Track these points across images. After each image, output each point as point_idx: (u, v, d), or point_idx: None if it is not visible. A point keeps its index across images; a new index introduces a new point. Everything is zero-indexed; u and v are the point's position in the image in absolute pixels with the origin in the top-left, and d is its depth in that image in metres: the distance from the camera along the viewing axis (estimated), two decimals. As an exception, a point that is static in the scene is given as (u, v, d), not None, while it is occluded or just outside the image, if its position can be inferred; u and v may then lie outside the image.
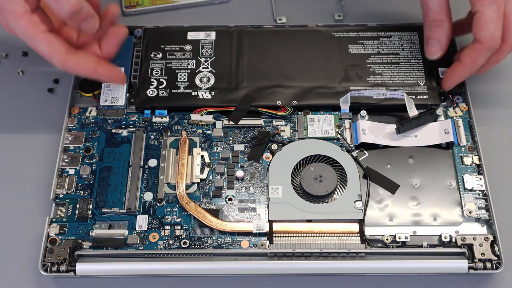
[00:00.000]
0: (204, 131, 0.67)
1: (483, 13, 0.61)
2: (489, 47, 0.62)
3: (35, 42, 0.60)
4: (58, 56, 0.61)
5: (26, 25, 0.59)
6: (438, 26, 0.65)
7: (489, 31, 0.61)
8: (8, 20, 0.59)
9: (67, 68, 0.62)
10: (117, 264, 0.59)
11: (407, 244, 0.60)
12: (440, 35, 0.65)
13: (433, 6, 0.65)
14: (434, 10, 0.65)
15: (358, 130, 0.66)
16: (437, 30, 0.65)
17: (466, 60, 0.64)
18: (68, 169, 0.64)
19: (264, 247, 0.60)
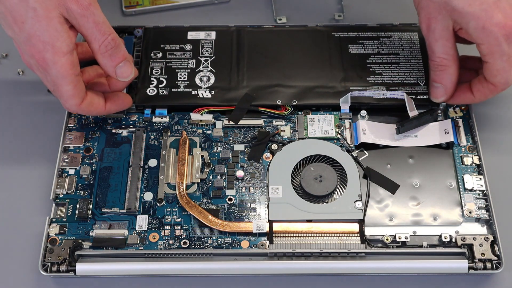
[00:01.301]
0: (204, 131, 0.67)
1: (494, 64, 0.61)
2: (503, 89, 0.62)
3: (65, 82, 0.59)
4: (76, 100, 0.61)
5: (65, 65, 0.58)
6: (443, 70, 0.64)
7: (502, 78, 0.61)
8: (48, 55, 0.57)
9: (79, 111, 0.62)
10: (117, 264, 0.59)
11: (407, 244, 0.60)
12: (444, 79, 0.64)
13: (438, 51, 0.63)
14: (438, 55, 0.64)
15: (358, 130, 0.66)
16: (441, 74, 0.64)
17: (477, 95, 0.64)
18: (68, 169, 0.64)
19: (264, 247, 0.60)
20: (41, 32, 0.57)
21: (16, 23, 0.57)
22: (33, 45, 0.57)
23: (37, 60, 0.58)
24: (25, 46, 0.58)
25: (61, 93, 0.60)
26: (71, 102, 0.61)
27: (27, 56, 0.59)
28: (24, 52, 0.59)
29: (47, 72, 0.58)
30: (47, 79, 0.60)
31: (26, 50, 0.58)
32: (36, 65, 0.59)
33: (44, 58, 0.57)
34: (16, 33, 0.58)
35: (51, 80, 0.59)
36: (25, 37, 0.57)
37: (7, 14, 0.57)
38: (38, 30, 0.57)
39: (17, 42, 0.59)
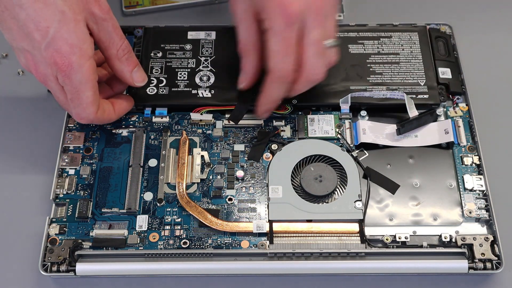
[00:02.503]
0: (204, 131, 0.67)
1: (270, 44, 0.60)
2: (279, 77, 0.61)
3: (87, 88, 0.58)
4: (95, 107, 0.60)
5: (89, 69, 0.58)
6: (245, 56, 0.64)
7: (275, 63, 0.60)
8: (75, 57, 0.56)
9: (94, 119, 0.61)
10: (117, 264, 0.59)
11: (407, 244, 0.60)
12: (246, 65, 0.64)
13: (240, 35, 0.63)
14: (242, 40, 0.63)
15: (358, 130, 0.66)
16: (244, 61, 0.64)
17: (262, 88, 0.63)
18: (68, 169, 0.64)
19: (264, 247, 0.60)
20: (69, 35, 0.56)
21: (38, 30, 0.55)
22: (57, 49, 0.56)
23: (60, 66, 0.56)
24: (47, 53, 0.56)
25: (81, 100, 0.59)
26: (89, 110, 0.60)
27: (44, 66, 0.57)
28: (42, 61, 0.57)
29: (69, 79, 0.57)
30: (67, 88, 0.58)
31: (47, 57, 0.56)
32: (55, 74, 0.57)
33: (70, 62, 0.56)
34: (36, 41, 0.56)
35: (72, 88, 0.58)
36: (47, 43, 0.56)
37: (28, 22, 0.55)
38: (65, 32, 0.56)
39: (33, 52, 0.57)
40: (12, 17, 0.56)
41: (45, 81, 0.59)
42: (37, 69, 0.58)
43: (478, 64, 0.73)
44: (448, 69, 0.69)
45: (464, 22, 0.76)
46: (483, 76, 0.72)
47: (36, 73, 0.59)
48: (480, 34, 0.76)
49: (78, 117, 0.61)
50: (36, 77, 0.59)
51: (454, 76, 0.69)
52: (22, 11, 0.55)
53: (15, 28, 0.56)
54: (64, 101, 0.61)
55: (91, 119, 0.61)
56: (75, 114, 0.61)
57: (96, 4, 0.58)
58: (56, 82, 0.58)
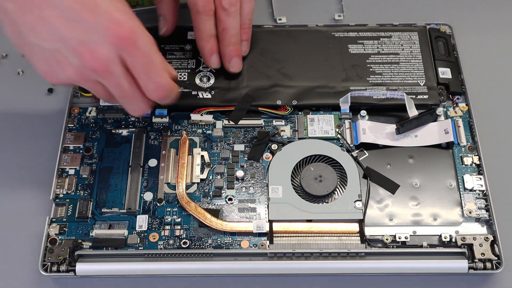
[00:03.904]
0: (204, 131, 0.67)
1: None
2: (198, 11, 0.62)
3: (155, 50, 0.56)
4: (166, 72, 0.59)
5: (146, 30, 0.56)
6: (159, 1, 0.64)
7: None
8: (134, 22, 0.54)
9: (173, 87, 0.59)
10: (117, 264, 0.59)
11: (407, 244, 0.60)
12: (162, 9, 0.64)
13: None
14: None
15: (358, 130, 0.66)
16: (159, 5, 0.64)
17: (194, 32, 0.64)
18: (68, 169, 0.64)
19: (264, 247, 0.60)
20: (117, 3, 0.53)
21: (87, 8, 0.52)
22: (114, 20, 0.52)
23: (123, 35, 0.52)
24: (105, 29, 0.52)
25: (156, 64, 0.56)
26: (165, 74, 0.58)
27: (105, 48, 0.53)
28: (101, 41, 0.52)
29: (136, 47, 0.53)
30: (137, 60, 0.54)
31: (106, 34, 0.52)
32: (119, 52, 0.53)
33: (132, 29, 0.53)
34: (88, 21, 0.52)
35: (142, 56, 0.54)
36: (102, 17, 0.52)
37: (74, 3, 0.51)
38: (116, 3, 0.53)
39: (87, 38, 0.52)
40: (54, 8, 0.51)
41: (107, 67, 0.54)
42: (97, 56, 0.53)
43: (478, 64, 0.73)
44: (448, 69, 0.69)
45: (464, 22, 0.76)
46: (483, 76, 0.72)
47: (96, 62, 0.53)
48: (480, 34, 0.76)
49: (158, 87, 0.57)
50: (97, 67, 0.53)
51: (454, 76, 0.69)
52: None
53: (59, 21, 0.52)
54: (128, 89, 0.56)
55: (169, 86, 0.58)
56: (154, 88, 0.57)
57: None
58: (120, 63, 0.54)
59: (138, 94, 0.58)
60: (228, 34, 0.65)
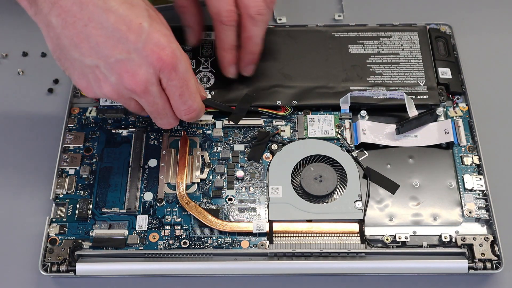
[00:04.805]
0: (204, 131, 0.67)
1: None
2: (221, 21, 0.61)
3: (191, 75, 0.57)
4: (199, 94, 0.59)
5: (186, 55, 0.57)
6: (185, 12, 0.64)
7: (213, 7, 0.61)
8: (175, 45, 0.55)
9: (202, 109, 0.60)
10: (117, 264, 0.59)
11: (407, 244, 0.60)
12: (187, 20, 0.64)
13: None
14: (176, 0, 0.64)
15: (358, 130, 0.66)
16: (184, 16, 0.64)
17: (216, 43, 0.64)
18: (68, 169, 0.64)
19: (264, 247, 0.60)
20: (160, 26, 0.55)
21: (131, 29, 0.53)
22: (156, 43, 0.54)
23: (164, 59, 0.54)
24: (146, 50, 0.53)
25: (191, 89, 0.57)
26: (198, 98, 0.58)
27: (145, 69, 0.54)
28: (142, 63, 0.54)
29: (176, 70, 0.55)
30: (174, 83, 0.55)
31: (148, 56, 0.53)
32: (158, 74, 0.55)
33: (173, 51, 0.54)
34: (131, 42, 0.53)
35: (180, 80, 0.55)
36: (145, 40, 0.53)
37: (119, 24, 0.53)
38: (157, 25, 0.54)
39: (129, 57, 0.54)
40: (100, 26, 0.53)
41: (146, 88, 0.55)
42: (136, 76, 0.54)
43: (478, 64, 0.73)
44: (448, 69, 0.69)
45: (464, 22, 0.76)
46: (483, 76, 0.72)
47: (134, 82, 0.54)
48: (480, 34, 0.76)
49: (189, 110, 0.58)
50: (136, 87, 0.55)
51: (454, 76, 0.69)
52: (111, 14, 0.53)
53: (102, 39, 0.53)
54: (162, 107, 0.58)
55: (199, 109, 0.59)
56: (185, 109, 0.58)
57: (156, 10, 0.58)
58: (158, 84, 0.56)
59: (170, 112, 0.59)
60: (252, 42, 0.64)
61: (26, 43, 0.75)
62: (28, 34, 0.75)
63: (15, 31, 0.76)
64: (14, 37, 0.75)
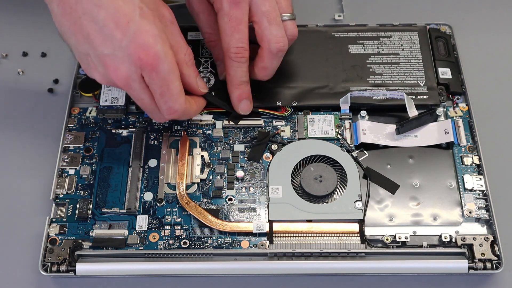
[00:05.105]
0: (204, 131, 0.67)
1: (219, 26, 0.61)
2: (230, 57, 0.62)
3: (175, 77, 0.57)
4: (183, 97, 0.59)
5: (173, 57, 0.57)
6: (214, 46, 0.65)
7: (225, 42, 0.61)
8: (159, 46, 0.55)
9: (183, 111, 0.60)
10: (117, 264, 0.59)
11: (407, 244, 0.60)
12: (218, 55, 0.65)
13: (203, 27, 0.65)
14: (205, 31, 0.65)
15: (358, 130, 0.66)
16: (215, 51, 0.65)
17: (226, 76, 0.64)
18: (68, 169, 0.64)
19: (264, 247, 0.60)
20: (150, 27, 0.55)
21: (118, 27, 0.54)
22: (140, 43, 0.55)
23: (145, 60, 0.55)
24: (130, 49, 0.55)
25: (172, 91, 0.57)
26: (181, 100, 0.59)
27: (127, 66, 0.56)
28: (125, 60, 0.55)
29: (156, 71, 0.56)
30: (155, 82, 0.56)
31: (130, 54, 0.55)
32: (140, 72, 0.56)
33: (156, 52, 0.55)
34: (117, 39, 0.55)
35: (160, 80, 0.56)
36: (130, 38, 0.55)
37: (107, 21, 0.54)
38: (146, 25, 0.55)
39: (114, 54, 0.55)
40: (91, 20, 0.55)
41: (127, 83, 0.57)
42: (118, 71, 0.56)
43: (478, 64, 0.73)
44: (448, 69, 0.69)
45: (464, 22, 0.76)
46: (483, 76, 0.72)
47: (116, 76, 0.56)
48: (480, 34, 0.76)
49: (170, 111, 0.59)
50: (117, 81, 0.57)
51: (454, 76, 0.69)
52: (102, 10, 0.54)
53: (93, 32, 0.55)
54: (148, 103, 0.59)
55: (182, 111, 0.59)
56: (166, 109, 0.59)
57: (165, 7, 0.59)
58: (141, 81, 0.57)
59: (157, 108, 0.60)
60: (265, 73, 0.64)
61: (26, 43, 0.75)
62: (28, 34, 0.75)
63: (15, 31, 0.76)
64: (14, 37, 0.75)
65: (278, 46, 0.62)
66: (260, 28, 0.62)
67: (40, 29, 0.75)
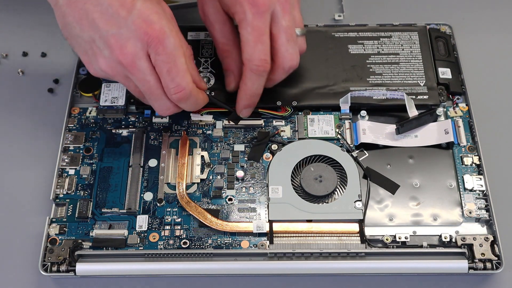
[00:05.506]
0: (204, 131, 0.67)
1: (241, 36, 0.60)
2: (251, 69, 0.61)
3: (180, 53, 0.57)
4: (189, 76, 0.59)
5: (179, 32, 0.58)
6: (227, 57, 0.65)
7: (247, 53, 0.60)
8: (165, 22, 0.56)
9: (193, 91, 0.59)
10: (117, 264, 0.59)
11: (407, 244, 0.60)
12: (230, 65, 0.65)
13: (218, 37, 0.64)
14: (220, 41, 0.64)
15: (358, 130, 0.66)
16: (227, 61, 0.65)
17: (240, 82, 0.63)
18: (68, 169, 0.64)
19: (264, 247, 0.60)
20: (153, 5, 0.56)
21: (124, 5, 0.56)
22: (146, 18, 0.56)
23: (151, 33, 0.55)
24: (135, 25, 0.55)
25: (178, 67, 0.57)
26: (188, 78, 0.58)
27: (133, 43, 0.56)
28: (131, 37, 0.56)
29: (163, 45, 0.56)
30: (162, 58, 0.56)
31: (136, 30, 0.55)
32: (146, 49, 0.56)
33: (162, 28, 0.56)
34: (122, 17, 0.55)
35: (167, 56, 0.56)
36: (135, 15, 0.56)
37: (113, 1, 0.56)
38: (150, 4, 0.56)
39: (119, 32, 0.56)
40: (96, 3, 0.56)
41: (133, 62, 0.57)
42: (125, 49, 0.56)
43: (478, 64, 0.73)
44: (448, 69, 0.69)
45: (464, 22, 0.76)
46: (483, 76, 0.72)
47: (123, 55, 0.56)
48: (480, 34, 0.76)
49: (178, 89, 0.58)
50: (123, 60, 0.57)
51: (454, 76, 0.69)
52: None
53: (98, 15, 0.56)
54: (154, 85, 0.58)
55: (189, 90, 0.59)
56: (174, 87, 0.58)
57: (165, 4, 0.59)
58: (147, 59, 0.57)
59: (164, 93, 0.59)
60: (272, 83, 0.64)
61: (26, 43, 0.75)
62: (28, 34, 0.75)
63: (15, 31, 0.76)
64: (14, 37, 0.75)
65: (291, 64, 0.62)
66: (277, 43, 0.61)
67: (40, 29, 0.75)
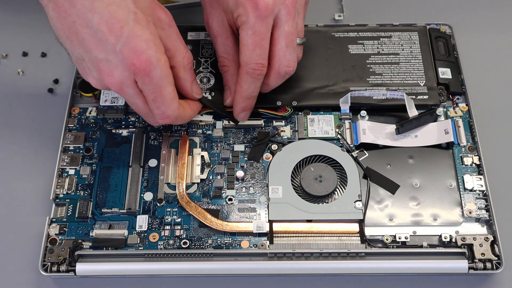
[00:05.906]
0: (204, 131, 0.67)
1: (240, 38, 0.60)
2: (247, 72, 0.61)
3: (167, 82, 0.57)
4: (176, 103, 0.59)
5: (166, 63, 0.57)
6: (226, 71, 0.65)
7: (245, 56, 0.60)
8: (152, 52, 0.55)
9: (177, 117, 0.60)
10: (117, 264, 0.59)
11: (407, 244, 0.60)
12: (228, 81, 0.65)
13: (219, 51, 0.64)
14: (220, 54, 0.64)
15: (358, 130, 0.66)
16: (225, 76, 0.65)
17: (236, 85, 0.63)
18: (68, 169, 0.64)
19: (264, 247, 0.60)
20: (143, 31, 0.55)
21: (112, 32, 0.54)
22: (133, 48, 0.55)
23: (138, 65, 0.55)
24: (123, 54, 0.55)
25: (164, 97, 0.58)
26: (174, 106, 0.59)
27: (121, 71, 0.55)
28: (118, 65, 0.55)
29: (149, 76, 0.56)
30: (148, 87, 0.56)
31: (123, 59, 0.55)
32: (133, 77, 0.56)
33: (149, 58, 0.55)
34: (110, 44, 0.54)
35: (153, 86, 0.56)
36: (123, 43, 0.54)
37: (101, 26, 0.54)
38: (139, 30, 0.55)
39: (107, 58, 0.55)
40: (85, 25, 0.55)
41: (121, 88, 0.57)
42: (112, 76, 0.56)
43: (478, 64, 0.73)
44: (448, 69, 0.69)
45: (464, 22, 0.76)
46: (483, 76, 0.72)
47: (110, 82, 0.56)
48: (480, 34, 0.76)
49: (162, 116, 0.59)
50: (111, 86, 0.57)
51: (454, 76, 0.69)
52: (96, 15, 0.54)
53: (87, 37, 0.55)
54: (142, 107, 0.59)
55: (175, 116, 0.59)
56: (159, 114, 0.59)
57: (162, 10, 0.59)
58: (134, 86, 0.57)
59: (151, 113, 0.60)
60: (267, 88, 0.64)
61: (26, 43, 0.75)
62: (28, 34, 0.75)
63: (15, 31, 0.76)
64: (14, 37, 0.75)
65: (287, 70, 0.62)
66: (276, 47, 0.61)
67: (40, 29, 0.75)
